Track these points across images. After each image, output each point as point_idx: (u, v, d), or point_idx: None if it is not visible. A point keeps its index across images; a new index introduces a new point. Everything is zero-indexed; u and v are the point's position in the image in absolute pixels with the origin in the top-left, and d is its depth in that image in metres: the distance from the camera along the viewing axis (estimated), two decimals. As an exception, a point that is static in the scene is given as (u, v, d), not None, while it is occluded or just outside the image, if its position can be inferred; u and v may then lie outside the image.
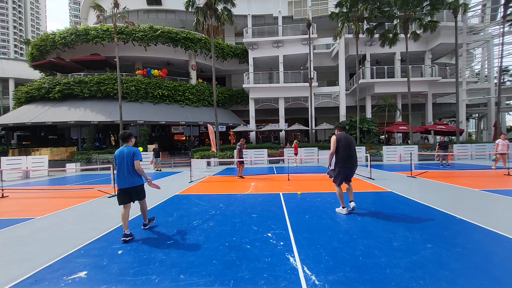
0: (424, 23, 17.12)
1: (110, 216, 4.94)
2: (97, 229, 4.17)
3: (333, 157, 4.69)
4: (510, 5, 17.24)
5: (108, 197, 6.70)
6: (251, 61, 23.04)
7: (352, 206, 4.76)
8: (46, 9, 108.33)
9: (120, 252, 3.22)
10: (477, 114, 29.96)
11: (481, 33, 22.47)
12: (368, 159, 9.69)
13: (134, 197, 3.87)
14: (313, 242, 3.38)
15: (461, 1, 17.42)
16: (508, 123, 38.25)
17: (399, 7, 16.93)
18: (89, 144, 19.21)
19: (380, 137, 22.54)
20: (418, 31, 18.05)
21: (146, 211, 4.19)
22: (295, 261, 2.85)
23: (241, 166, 10.05)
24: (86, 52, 21.42)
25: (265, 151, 16.63)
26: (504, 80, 29.19)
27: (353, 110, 20.70)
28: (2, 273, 2.77)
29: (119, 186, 3.75)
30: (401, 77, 20.96)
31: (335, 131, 4.86)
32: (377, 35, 19.10)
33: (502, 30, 17.87)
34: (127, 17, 18.82)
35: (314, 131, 21.62)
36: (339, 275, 2.52)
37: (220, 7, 17.63)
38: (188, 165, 12.54)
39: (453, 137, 19.31)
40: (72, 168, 14.29)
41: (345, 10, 18.15)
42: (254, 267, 2.73)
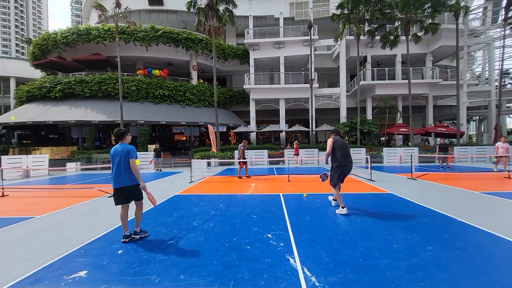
0: (425, 26, 17.14)
1: (110, 216, 4.93)
2: (97, 229, 4.18)
3: (329, 157, 5.00)
4: (511, 8, 17.28)
5: (108, 197, 6.70)
6: (252, 62, 23.08)
7: (332, 202, 5.35)
8: (48, 9, 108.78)
9: (120, 252, 3.23)
10: (478, 117, 29.99)
11: (482, 36, 22.50)
12: (369, 161, 9.69)
13: (132, 197, 3.69)
14: (313, 243, 3.37)
15: (462, 4, 17.44)
16: (509, 126, 38.25)
17: (401, 9, 16.99)
18: (90, 144, 19.23)
19: (381, 139, 22.55)
20: (419, 33, 18.09)
21: (140, 217, 3.82)
22: (295, 262, 2.84)
23: (245, 166, 10.34)
24: (88, 52, 21.47)
25: (266, 152, 16.65)
26: (505, 83, 29.17)
27: (354, 112, 20.71)
28: (2, 272, 2.77)
29: (114, 186, 3.60)
30: (402, 79, 21.01)
31: (331, 136, 5.07)
32: (378, 37, 19.15)
33: (503, 33, 17.88)
34: (129, 17, 18.86)
35: (315, 132, 21.61)
36: (339, 277, 2.52)
37: (222, 8, 17.66)
38: (189, 165, 12.54)
39: (454, 140, 19.31)
40: (73, 168, 14.30)
41: (346, 12, 18.19)
42: (254, 268, 2.73)
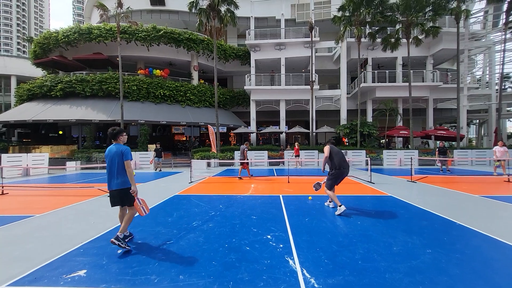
0: (426, 29, 17.19)
1: (110, 215, 4.93)
2: (97, 228, 4.18)
3: (326, 163, 5.18)
4: (512, 12, 17.31)
5: (108, 196, 6.68)
6: (253, 63, 23.10)
7: (330, 205, 5.46)
8: (50, 7, 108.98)
9: (120, 252, 3.23)
10: (478, 120, 30.00)
11: (483, 40, 22.55)
12: (368, 163, 9.69)
13: (124, 202, 3.48)
14: (313, 245, 3.38)
15: (463, 8, 17.48)
16: (509, 130, 38.27)
17: (402, 12, 17.04)
18: (90, 143, 19.22)
19: (381, 141, 22.56)
20: (420, 36, 18.15)
21: (129, 222, 3.46)
22: (295, 264, 2.85)
23: (248, 167, 10.61)
24: (89, 51, 21.50)
25: (266, 153, 16.65)
26: (505, 87, 29.27)
27: (354, 114, 20.73)
28: (2, 271, 2.77)
29: (108, 188, 3.46)
30: (403, 82, 21.03)
31: (327, 144, 5.29)
32: (379, 40, 19.19)
33: (504, 37, 17.91)
34: (131, 17, 18.92)
35: (315, 134, 21.61)
36: (338, 279, 2.52)
37: (223, 9, 17.71)
38: (188, 166, 12.55)
39: (454, 143, 19.32)
40: (72, 167, 14.30)
41: (348, 14, 18.24)
42: (254, 269, 2.73)
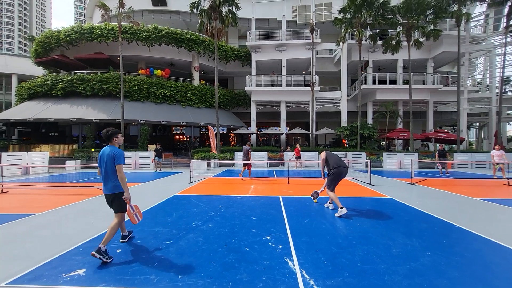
0: (427, 31, 17.21)
1: (110, 215, 4.87)
2: (97, 227, 4.18)
3: (325, 167, 5.33)
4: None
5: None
6: (254, 64, 23.13)
7: (330, 206, 5.47)
8: (52, 7, 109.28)
9: (119, 251, 3.23)
10: (478, 123, 30.04)
11: (484, 43, 22.59)
12: (368, 165, 9.69)
13: (112, 207, 3.26)
14: (312, 247, 3.38)
15: (464, 11, 17.54)
16: (509, 133, 38.30)
17: (403, 15, 17.08)
18: (90, 142, 19.23)
19: (381, 144, 22.56)
20: (421, 39, 18.17)
21: (114, 232, 3.11)
22: (294, 265, 2.85)
23: (250, 168, 10.73)
24: (90, 51, 21.54)
25: (266, 154, 16.65)
26: (506, 90, 29.31)
27: (354, 116, 20.75)
28: (1, 269, 2.77)
29: (103, 191, 3.28)
30: (403, 84, 21.05)
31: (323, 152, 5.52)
32: (380, 42, 19.20)
33: (505, 41, 17.95)
34: (132, 17, 18.96)
35: (315, 136, 21.63)
36: (338, 280, 2.52)
37: (225, 10, 17.76)
38: (188, 166, 12.55)
39: (454, 146, 19.32)
40: (72, 166, 14.31)
41: (349, 16, 18.28)
42: (253, 270, 2.73)
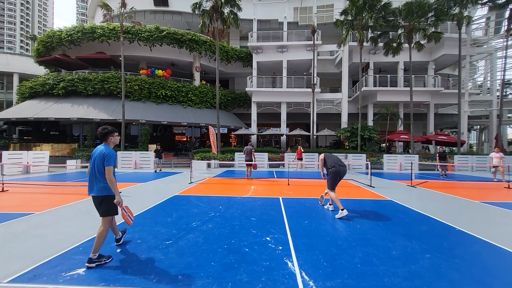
0: (428, 34, 17.25)
1: (110, 214, 4.93)
2: (96, 227, 4.14)
3: (324, 167, 5.39)
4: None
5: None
6: (255, 65, 23.16)
7: (330, 207, 5.49)
8: (54, 6, 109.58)
9: (119, 251, 3.23)
10: (479, 126, 30.03)
11: (485, 46, 22.61)
12: (369, 167, 9.69)
13: (99, 210, 3.01)
14: (312, 248, 3.37)
15: (465, 14, 17.56)
16: (510, 136, 38.24)
17: (404, 17, 17.12)
18: (90, 142, 19.24)
19: (381, 145, 22.55)
20: (422, 42, 18.20)
21: (102, 239, 2.92)
22: (294, 266, 2.84)
23: (251, 168, 10.83)
24: (92, 50, 21.61)
25: (266, 155, 16.64)
26: (506, 93, 29.30)
27: (355, 117, 20.76)
28: (1, 268, 2.77)
29: (88, 193, 3.03)
30: (404, 86, 21.05)
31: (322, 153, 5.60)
32: (381, 44, 19.25)
33: (506, 44, 17.97)
34: (134, 17, 19.00)
35: (315, 137, 21.63)
36: (337, 282, 2.51)
37: (226, 11, 17.80)
38: (189, 166, 12.56)
39: (454, 148, 19.31)
40: (73, 165, 14.31)
41: (350, 18, 18.31)
42: (253, 271, 2.73)
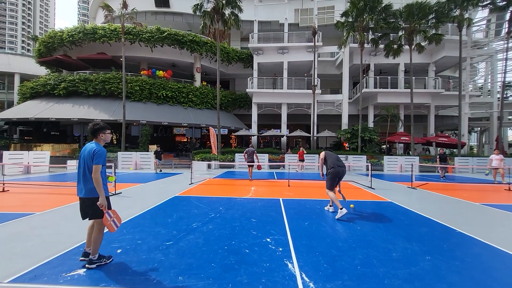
0: (429, 36, 17.28)
1: (110, 215, 4.93)
2: (97, 227, 4.17)
3: (324, 166, 5.45)
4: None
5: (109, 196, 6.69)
6: (256, 66, 23.18)
7: (330, 209, 5.51)
8: (55, 7, 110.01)
9: (119, 251, 3.23)
10: (479, 128, 29.99)
11: (485, 48, 22.62)
12: (369, 169, 9.69)
13: (87, 213, 2.82)
14: (312, 249, 3.38)
15: (466, 16, 17.58)
16: (510, 138, 38.18)
17: (405, 19, 17.15)
18: (91, 142, 19.27)
19: (382, 147, 22.54)
20: (423, 43, 18.20)
21: (99, 240, 2.82)
22: (294, 268, 2.85)
23: (251, 169, 11.00)
24: (93, 51, 21.66)
25: (266, 156, 16.64)
26: (507, 95, 29.31)
27: (356, 119, 20.76)
28: (2, 268, 2.77)
29: (78, 193, 2.85)
30: (405, 88, 21.06)
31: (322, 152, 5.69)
32: (382, 46, 19.25)
33: (506, 46, 17.99)
34: (135, 18, 19.05)
35: (316, 138, 21.62)
36: (337, 283, 2.52)
37: (228, 12, 17.86)
38: (189, 167, 12.56)
39: (455, 150, 19.30)
40: (73, 165, 14.29)
41: (351, 20, 18.34)
42: (253, 272, 2.73)
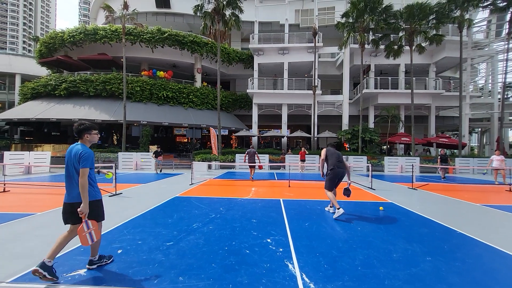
0: (430, 36, 17.28)
1: (110, 215, 4.93)
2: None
3: (325, 165, 5.41)
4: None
5: (109, 196, 6.72)
6: (256, 67, 23.19)
7: (330, 210, 5.48)
8: (56, 8, 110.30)
9: (120, 252, 3.23)
10: (480, 129, 29.95)
11: (486, 49, 22.60)
12: (370, 169, 9.68)
13: (77, 220, 2.58)
14: (312, 250, 3.37)
15: (466, 17, 17.59)
16: (511, 139, 38.12)
17: (405, 20, 17.17)
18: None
19: (382, 148, 22.53)
20: (423, 44, 18.20)
21: (97, 242, 2.76)
22: (294, 268, 2.85)
23: (253, 170, 11.11)
24: (94, 52, 21.72)
25: (267, 157, 16.64)
26: (508, 96, 29.26)
27: (356, 120, 20.75)
28: (3, 268, 2.78)
29: (65, 199, 2.67)
30: (405, 89, 21.06)
31: (326, 146, 5.62)
32: (382, 46, 19.27)
33: (507, 47, 17.98)
34: (136, 19, 19.12)
35: (316, 139, 21.63)
36: (338, 284, 2.51)
37: (228, 13, 17.89)
38: (189, 167, 12.56)
39: (456, 151, 19.28)
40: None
41: (351, 21, 18.36)
42: (253, 272, 2.73)
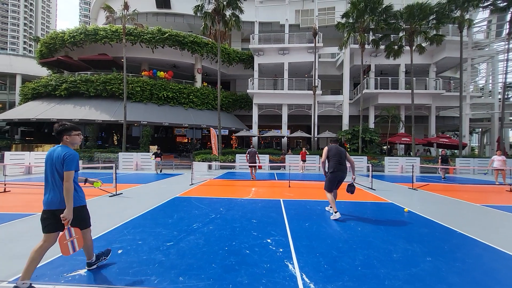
0: (430, 37, 17.28)
1: (111, 215, 4.95)
2: (97, 228, 4.17)
3: (326, 165, 5.27)
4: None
5: (109, 196, 6.73)
6: (257, 67, 23.20)
7: (330, 210, 5.30)
8: (57, 8, 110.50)
9: (120, 252, 3.24)
10: (480, 129, 29.94)
11: (486, 49, 22.59)
12: (370, 169, 9.68)
13: (60, 225, 2.42)
14: (313, 250, 3.37)
15: (467, 17, 17.58)
16: (511, 139, 38.08)
17: (405, 20, 17.16)
18: (92, 143, 19.33)
19: (382, 148, 22.51)
20: (423, 44, 18.20)
21: (89, 245, 2.72)
22: (294, 268, 2.85)
23: (255, 169, 11.17)
24: (94, 52, 21.75)
25: (267, 157, 16.64)
26: (508, 96, 29.19)
27: (356, 120, 20.75)
28: (4, 267, 2.79)
29: (45, 206, 2.50)
30: (405, 89, 21.07)
31: (329, 143, 5.42)
32: (383, 47, 19.27)
33: (507, 47, 17.97)
34: (136, 19, 19.14)
35: (316, 139, 21.63)
36: (338, 284, 2.51)
37: (228, 13, 17.90)
38: (189, 168, 12.57)
39: (456, 151, 19.27)
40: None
41: (351, 21, 18.37)
42: (253, 273, 2.73)
